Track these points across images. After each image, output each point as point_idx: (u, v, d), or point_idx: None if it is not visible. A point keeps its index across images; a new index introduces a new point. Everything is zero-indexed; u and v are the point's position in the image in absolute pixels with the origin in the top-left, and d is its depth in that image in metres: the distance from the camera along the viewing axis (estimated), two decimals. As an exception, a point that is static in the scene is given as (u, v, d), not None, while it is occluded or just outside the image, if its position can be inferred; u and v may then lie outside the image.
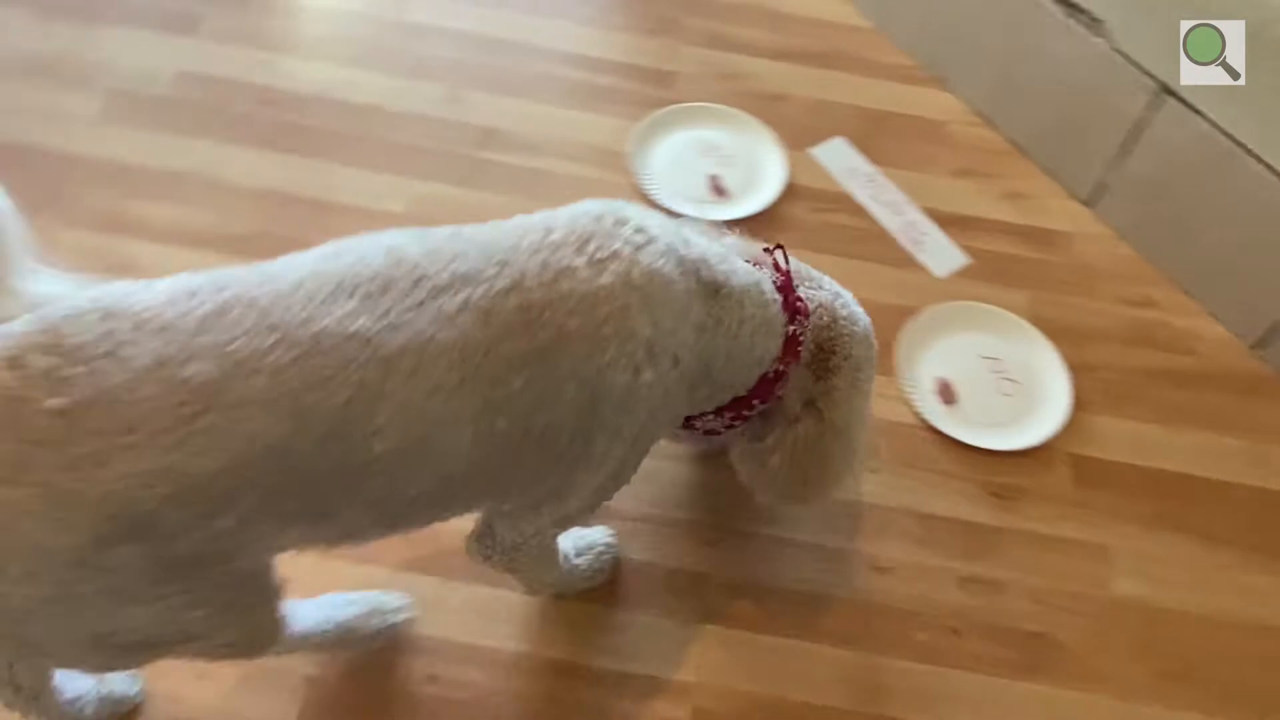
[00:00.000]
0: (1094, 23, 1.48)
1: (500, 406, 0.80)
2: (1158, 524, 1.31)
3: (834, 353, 1.00)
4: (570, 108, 1.65)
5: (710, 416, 1.01)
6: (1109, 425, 1.39)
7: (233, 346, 0.72)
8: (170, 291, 0.74)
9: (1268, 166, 1.34)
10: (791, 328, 0.97)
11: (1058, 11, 1.51)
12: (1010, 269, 1.53)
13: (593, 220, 0.86)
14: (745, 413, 1.01)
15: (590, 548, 1.18)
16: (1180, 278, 1.54)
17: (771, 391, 0.99)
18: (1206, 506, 1.33)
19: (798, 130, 1.65)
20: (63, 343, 0.69)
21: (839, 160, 1.63)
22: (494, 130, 1.60)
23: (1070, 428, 1.37)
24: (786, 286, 0.98)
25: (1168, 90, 1.42)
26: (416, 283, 0.78)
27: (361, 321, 0.75)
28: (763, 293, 0.95)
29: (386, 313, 0.76)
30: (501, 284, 0.80)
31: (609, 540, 1.20)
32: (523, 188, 1.54)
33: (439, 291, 0.79)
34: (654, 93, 1.68)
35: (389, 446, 0.76)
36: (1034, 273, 1.53)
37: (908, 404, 1.37)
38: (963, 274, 1.52)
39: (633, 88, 1.69)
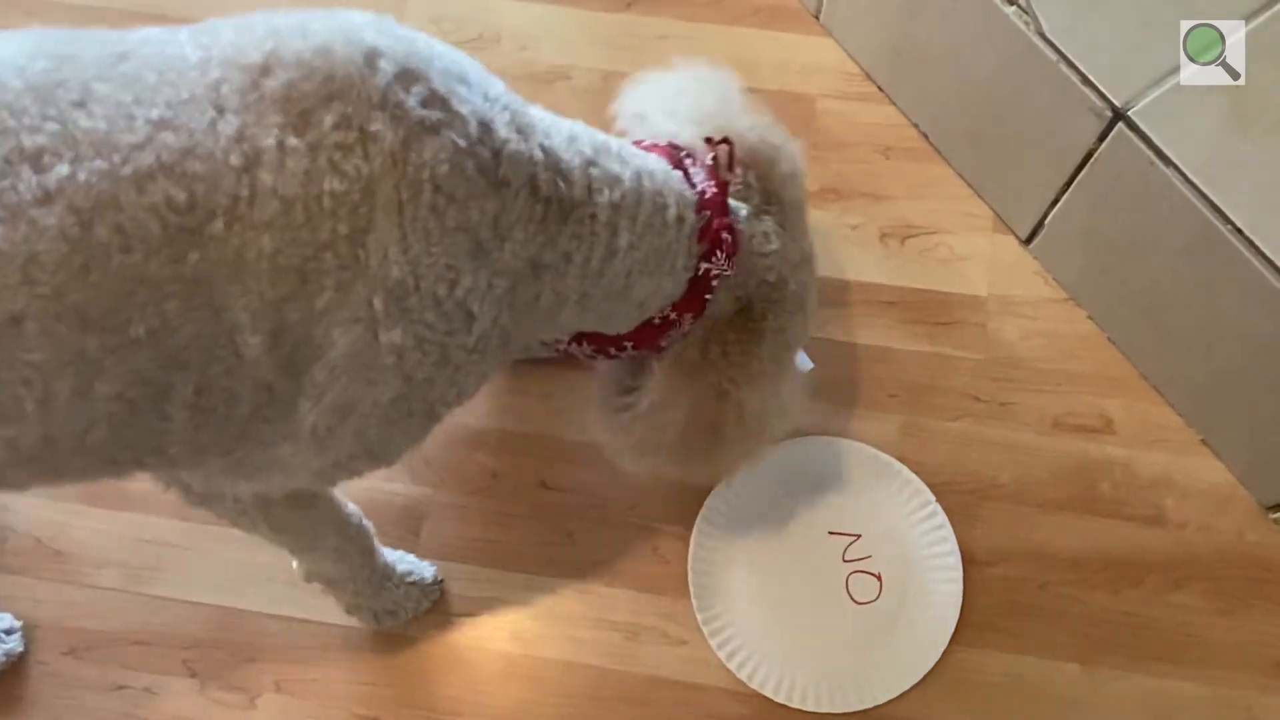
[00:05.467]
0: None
1: (99, 364, 0.49)
2: None
3: (763, 316, 0.71)
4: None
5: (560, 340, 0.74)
6: (991, 663, 0.88)
7: None
8: None
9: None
10: (706, 266, 0.67)
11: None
12: (883, 375, 0.98)
13: (349, 68, 0.51)
14: (612, 351, 0.73)
15: (405, 579, 0.89)
16: (1159, 378, 0.95)
17: (655, 341, 0.71)
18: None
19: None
20: None
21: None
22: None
23: (931, 675, 0.87)
24: (718, 203, 0.66)
25: (1118, 114, 0.81)
26: None
27: None
28: (665, 209, 0.64)
29: None
30: (143, 161, 0.48)
31: (433, 581, 0.91)
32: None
33: (22, 158, 0.47)
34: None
35: None
36: (922, 376, 0.98)
37: (704, 661, 0.89)
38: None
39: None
